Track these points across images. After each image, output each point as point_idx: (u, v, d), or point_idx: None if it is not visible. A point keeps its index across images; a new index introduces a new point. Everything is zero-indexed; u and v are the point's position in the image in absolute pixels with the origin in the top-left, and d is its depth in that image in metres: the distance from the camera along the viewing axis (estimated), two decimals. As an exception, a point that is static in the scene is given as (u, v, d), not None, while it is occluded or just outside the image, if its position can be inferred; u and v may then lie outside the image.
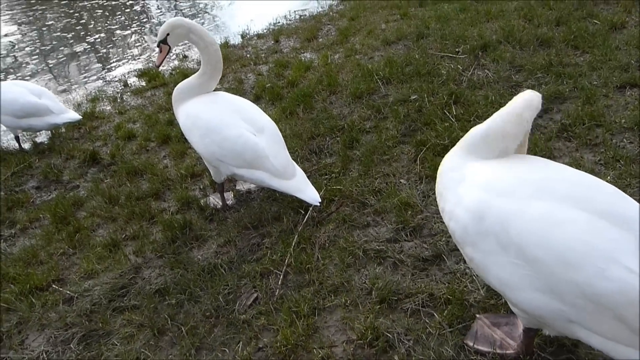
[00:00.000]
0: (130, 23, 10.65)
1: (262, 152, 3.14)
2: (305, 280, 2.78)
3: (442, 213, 2.08)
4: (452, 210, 1.97)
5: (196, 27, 3.35)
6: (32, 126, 4.99)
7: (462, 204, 1.92)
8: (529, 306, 1.79)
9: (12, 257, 3.48)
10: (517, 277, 1.78)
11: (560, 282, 1.68)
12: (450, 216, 1.99)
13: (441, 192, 2.09)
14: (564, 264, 1.67)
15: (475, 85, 4.43)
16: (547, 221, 1.74)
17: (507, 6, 6.27)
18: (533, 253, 1.73)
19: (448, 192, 2.03)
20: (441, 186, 2.10)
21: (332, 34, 7.20)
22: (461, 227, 1.92)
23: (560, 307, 1.71)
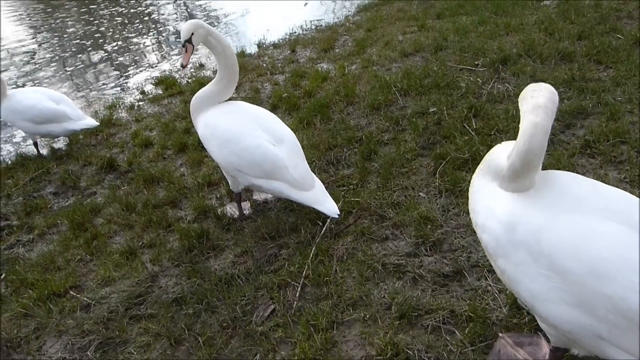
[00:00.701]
0: (147, 31, 10.77)
1: (281, 162, 3.13)
2: (323, 293, 2.75)
3: (475, 227, 2.05)
4: (484, 222, 1.95)
5: (214, 30, 3.37)
6: (50, 132, 5.04)
7: (494, 216, 1.91)
8: (558, 320, 1.75)
9: (30, 262, 3.49)
10: (547, 289, 1.74)
11: (591, 295, 1.64)
12: (483, 229, 1.96)
13: (473, 207, 2.07)
14: (596, 275, 1.62)
15: (495, 99, 4.39)
16: (579, 232, 1.71)
17: (527, 19, 6.24)
18: (564, 264, 1.69)
19: (480, 206, 2.01)
20: (473, 203, 2.09)
21: (348, 44, 7.22)
22: (494, 239, 1.89)
23: (591, 322, 1.66)
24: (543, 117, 1.81)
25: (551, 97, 1.86)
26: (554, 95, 1.87)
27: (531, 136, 1.81)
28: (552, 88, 1.90)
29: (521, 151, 1.83)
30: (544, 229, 1.77)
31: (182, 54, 3.38)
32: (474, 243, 2.91)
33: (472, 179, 2.18)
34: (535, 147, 1.81)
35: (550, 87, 1.90)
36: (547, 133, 1.82)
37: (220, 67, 3.37)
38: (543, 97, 1.84)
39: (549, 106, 1.83)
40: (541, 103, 1.83)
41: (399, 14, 8.30)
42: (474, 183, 2.16)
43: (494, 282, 2.62)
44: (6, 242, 3.81)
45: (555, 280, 1.72)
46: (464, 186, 3.31)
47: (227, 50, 3.33)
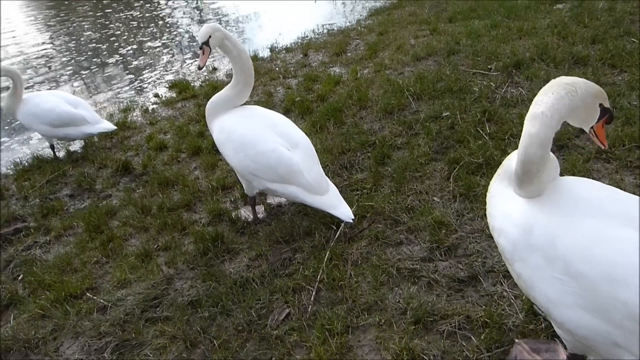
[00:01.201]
0: (161, 35, 10.87)
1: (296, 167, 3.14)
2: (338, 297, 2.76)
3: (492, 232, 2.06)
4: (501, 226, 1.95)
5: (230, 34, 3.39)
6: (67, 135, 5.10)
7: (511, 220, 1.92)
8: (574, 326, 1.74)
9: (47, 264, 3.54)
10: (563, 293, 1.74)
11: (606, 301, 1.63)
12: (499, 233, 1.97)
13: (490, 212, 2.08)
14: (610, 281, 1.62)
15: (508, 103, 4.38)
16: (595, 237, 1.70)
17: (540, 23, 6.22)
18: (579, 268, 1.69)
19: (497, 211, 2.01)
20: (490, 207, 2.09)
21: (360, 48, 7.23)
22: (510, 242, 1.90)
23: (607, 328, 1.65)
24: (539, 129, 1.81)
25: (558, 101, 1.83)
26: (563, 99, 1.85)
27: (527, 147, 1.83)
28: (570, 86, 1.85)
29: (520, 160, 1.86)
30: (560, 233, 1.77)
31: (200, 56, 3.42)
32: (489, 248, 2.90)
33: (490, 184, 2.19)
34: (531, 158, 1.82)
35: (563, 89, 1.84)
36: (543, 143, 1.82)
37: (235, 71, 3.39)
38: (545, 104, 1.83)
39: (549, 114, 1.81)
40: (539, 112, 1.82)
41: (411, 17, 8.30)
42: (491, 188, 2.16)
43: (509, 287, 2.62)
44: (23, 244, 3.85)
45: (570, 284, 1.72)
46: (479, 191, 3.31)
47: (242, 54, 3.36)
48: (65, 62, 9.44)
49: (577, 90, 1.87)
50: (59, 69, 9.07)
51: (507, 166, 2.12)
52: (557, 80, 1.91)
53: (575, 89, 1.87)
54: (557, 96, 1.84)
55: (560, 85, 1.87)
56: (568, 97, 1.85)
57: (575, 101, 1.86)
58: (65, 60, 9.58)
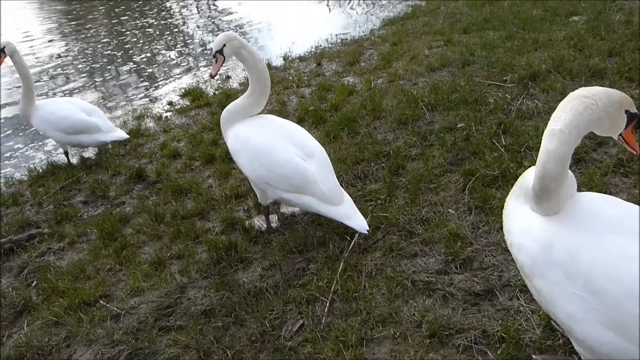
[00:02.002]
0: (174, 43, 10.97)
1: (311, 177, 3.13)
2: (352, 308, 2.74)
3: (510, 248, 2.04)
4: (520, 242, 1.93)
5: (247, 43, 3.40)
6: (81, 142, 5.13)
7: (531, 235, 1.90)
8: (595, 343, 1.71)
9: (61, 270, 3.55)
10: (584, 310, 1.71)
11: (628, 318, 1.60)
12: (519, 248, 1.95)
13: (508, 229, 2.06)
14: (633, 297, 1.59)
15: (524, 116, 4.35)
16: (617, 253, 1.68)
17: (555, 35, 6.19)
18: (600, 285, 1.66)
19: (515, 227, 2.00)
20: (508, 224, 2.07)
21: (374, 58, 7.24)
22: (530, 258, 1.88)
23: (628, 346, 1.62)
24: (557, 146, 1.79)
25: (576, 118, 1.81)
26: (581, 115, 1.82)
27: (545, 163, 1.81)
28: (588, 100, 1.83)
29: (538, 177, 1.85)
30: (580, 249, 1.75)
31: (212, 64, 3.44)
32: (505, 262, 2.87)
33: (506, 201, 2.18)
34: (550, 174, 1.81)
35: (581, 104, 1.82)
36: (562, 160, 1.81)
37: (251, 80, 3.40)
38: (563, 121, 1.81)
39: (567, 131, 1.79)
40: (557, 129, 1.80)
41: (425, 28, 8.30)
42: (507, 205, 2.15)
43: (526, 302, 2.58)
44: (37, 250, 3.87)
45: (591, 301, 1.69)
46: (494, 204, 3.28)
47: (259, 63, 3.37)
48: (80, 70, 9.54)
49: (598, 102, 1.85)
50: (74, 76, 9.17)
51: (523, 183, 2.10)
52: (576, 93, 1.89)
53: (595, 101, 1.85)
54: (576, 112, 1.82)
55: (579, 99, 1.85)
56: (587, 112, 1.83)
57: (595, 114, 1.84)
58: (81, 67, 9.69)
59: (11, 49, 4.89)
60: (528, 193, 2.00)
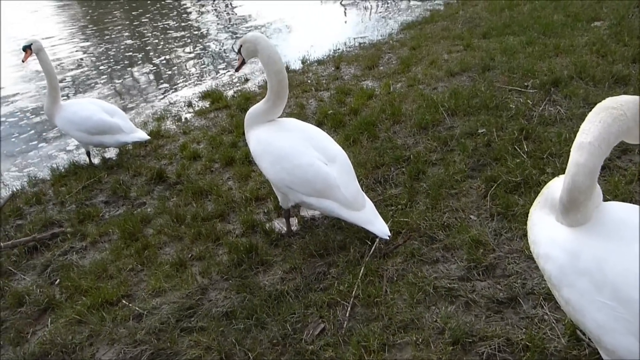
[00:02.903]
0: (194, 45, 11.05)
1: (333, 181, 3.13)
2: (373, 313, 2.73)
3: (537, 259, 2.02)
4: (547, 252, 1.92)
5: (264, 46, 3.30)
6: (103, 143, 5.20)
7: (558, 244, 1.89)
8: (625, 353, 1.70)
9: (84, 269, 3.59)
10: (613, 319, 1.70)
11: None
12: (546, 259, 1.93)
13: (534, 239, 2.04)
14: None
15: (547, 122, 4.31)
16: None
17: (577, 41, 6.13)
18: (629, 294, 1.65)
19: (541, 237, 1.98)
20: (533, 235, 2.06)
21: (393, 62, 7.23)
22: (557, 268, 1.87)
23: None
24: (587, 158, 1.78)
25: (605, 130, 1.79)
26: (610, 127, 1.80)
27: (574, 175, 1.80)
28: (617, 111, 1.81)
29: (566, 189, 1.84)
30: (608, 258, 1.74)
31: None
32: (528, 270, 2.85)
33: (530, 212, 2.17)
34: (579, 187, 1.79)
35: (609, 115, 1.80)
36: (591, 172, 1.79)
37: (269, 85, 3.40)
38: (592, 134, 1.79)
39: (597, 144, 1.78)
40: (587, 142, 1.79)
41: (444, 32, 8.27)
42: (532, 216, 2.14)
43: (550, 310, 2.55)
44: (60, 249, 3.92)
45: (619, 310, 1.68)
46: (517, 210, 3.26)
47: (274, 66, 3.30)
48: (102, 71, 9.66)
49: (626, 112, 1.83)
50: (95, 78, 9.29)
51: (548, 194, 2.10)
52: (603, 104, 1.88)
53: (624, 111, 1.83)
54: (604, 124, 1.80)
55: (607, 110, 1.84)
56: (616, 124, 1.81)
57: (625, 124, 1.83)
58: (103, 68, 9.81)
59: (37, 47, 4.97)
60: (553, 204, 1.99)
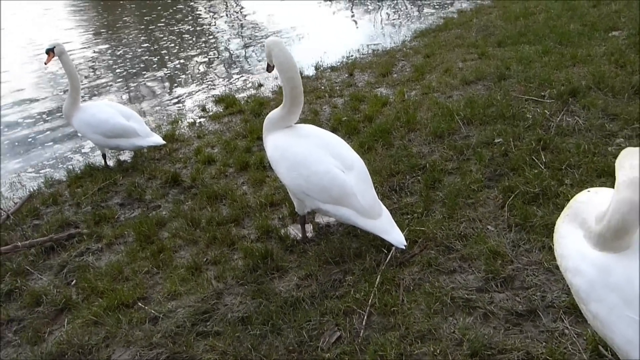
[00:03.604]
0: (208, 50, 11.12)
1: (349, 189, 3.13)
2: (390, 323, 2.72)
3: (565, 273, 2.00)
4: (576, 266, 1.90)
5: (277, 53, 3.31)
6: (119, 146, 5.24)
7: (587, 259, 1.87)
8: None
9: (100, 271, 3.61)
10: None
11: None
12: (574, 273, 1.91)
13: (562, 253, 2.03)
14: None
15: (564, 132, 4.29)
16: None
17: (595, 51, 6.09)
18: None
19: (570, 251, 1.97)
20: (561, 248, 2.04)
21: (406, 70, 7.22)
22: (586, 282, 1.85)
23: None
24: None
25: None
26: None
27: (625, 214, 1.74)
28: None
29: (613, 227, 1.77)
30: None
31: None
32: (547, 282, 2.82)
33: (557, 225, 2.14)
34: (629, 225, 1.74)
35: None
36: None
37: (284, 92, 3.42)
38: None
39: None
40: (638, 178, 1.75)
41: (458, 40, 8.26)
42: (559, 229, 2.12)
43: (571, 324, 2.53)
44: (76, 250, 3.95)
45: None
46: (535, 222, 3.23)
47: (287, 75, 3.34)
48: (117, 74, 9.74)
49: None
50: (110, 81, 9.37)
51: (577, 208, 2.07)
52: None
53: None
54: None
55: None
56: None
57: None
58: (119, 71, 9.88)
59: (60, 50, 5.04)
60: (583, 222, 1.97)
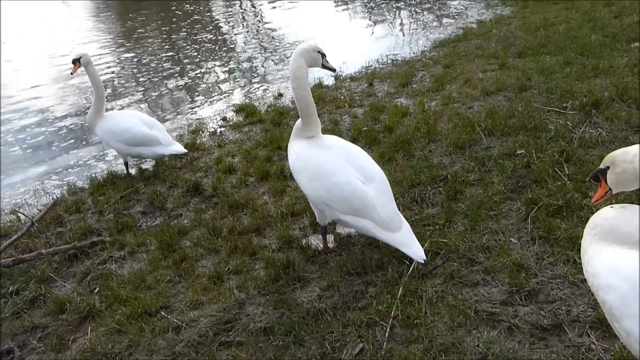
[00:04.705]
0: (228, 60, 11.23)
1: (369, 201, 3.13)
2: (413, 335, 2.71)
3: (597, 292, 1.99)
4: (609, 283, 1.89)
5: (290, 62, 3.33)
6: (140, 154, 5.31)
7: (621, 275, 1.87)
8: None
9: (122, 279, 3.65)
10: None
11: None
12: (607, 290, 1.90)
13: (593, 272, 2.01)
14: None
15: (588, 144, 4.24)
16: None
17: (617, 62, 6.03)
18: None
19: (601, 269, 1.95)
20: (592, 268, 2.03)
21: (426, 80, 7.22)
22: (620, 297, 1.84)
23: None
24: None
25: None
26: None
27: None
28: None
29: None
30: None
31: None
32: (573, 296, 2.79)
33: (584, 247, 2.13)
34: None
35: None
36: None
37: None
38: None
39: None
40: None
41: (477, 51, 8.23)
42: (588, 251, 2.10)
43: (597, 339, 2.49)
44: (99, 257, 3.99)
45: None
46: (560, 235, 3.20)
47: (293, 85, 3.35)
48: (140, 82, 9.89)
49: None
50: (132, 89, 9.52)
51: (608, 226, 2.05)
52: None
53: None
54: None
55: None
56: None
57: None
58: (142, 80, 10.03)
59: (86, 60, 5.15)
60: (613, 236, 1.96)
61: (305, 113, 3.39)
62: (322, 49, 3.39)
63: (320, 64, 3.39)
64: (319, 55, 3.36)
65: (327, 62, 3.41)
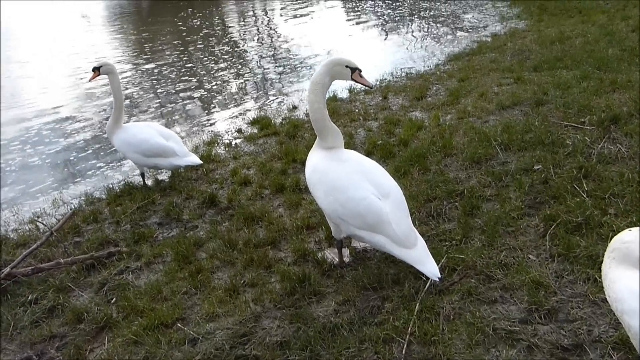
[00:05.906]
0: (244, 72, 11.33)
1: (385, 217, 3.12)
2: (430, 352, 2.69)
3: (622, 316, 1.97)
4: (633, 308, 1.87)
5: (313, 76, 3.40)
6: (157, 165, 5.36)
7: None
8: None
9: (139, 289, 3.67)
10: None
11: None
12: (632, 314, 1.89)
13: (616, 297, 2.01)
14: None
15: (607, 160, 4.21)
16: None
17: (635, 76, 6.00)
18: None
19: (624, 293, 1.94)
20: (614, 293, 2.02)
21: (441, 94, 7.22)
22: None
23: None
24: None
25: None
26: None
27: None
28: None
29: None
30: None
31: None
32: (594, 315, 2.75)
33: (604, 271, 2.12)
34: None
35: None
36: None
37: None
38: None
39: None
40: None
41: (492, 64, 8.23)
42: (608, 275, 2.09)
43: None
44: (116, 268, 4.02)
45: None
46: (579, 252, 3.17)
47: (307, 99, 3.39)
48: (157, 94, 10.02)
49: None
50: (148, 101, 9.64)
51: (627, 249, 2.04)
52: None
53: None
54: None
55: None
56: None
57: None
58: (160, 91, 10.17)
59: (108, 69, 5.24)
60: (633, 261, 1.95)
61: (318, 126, 3.42)
62: (356, 63, 3.36)
63: (348, 78, 3.38)
64: (348, 70, 3.36)
65: (359, 77, 3.39)
